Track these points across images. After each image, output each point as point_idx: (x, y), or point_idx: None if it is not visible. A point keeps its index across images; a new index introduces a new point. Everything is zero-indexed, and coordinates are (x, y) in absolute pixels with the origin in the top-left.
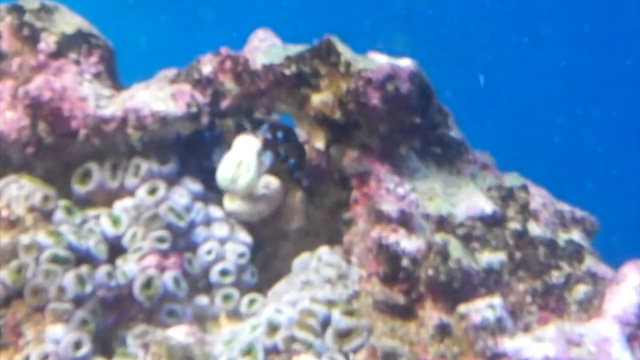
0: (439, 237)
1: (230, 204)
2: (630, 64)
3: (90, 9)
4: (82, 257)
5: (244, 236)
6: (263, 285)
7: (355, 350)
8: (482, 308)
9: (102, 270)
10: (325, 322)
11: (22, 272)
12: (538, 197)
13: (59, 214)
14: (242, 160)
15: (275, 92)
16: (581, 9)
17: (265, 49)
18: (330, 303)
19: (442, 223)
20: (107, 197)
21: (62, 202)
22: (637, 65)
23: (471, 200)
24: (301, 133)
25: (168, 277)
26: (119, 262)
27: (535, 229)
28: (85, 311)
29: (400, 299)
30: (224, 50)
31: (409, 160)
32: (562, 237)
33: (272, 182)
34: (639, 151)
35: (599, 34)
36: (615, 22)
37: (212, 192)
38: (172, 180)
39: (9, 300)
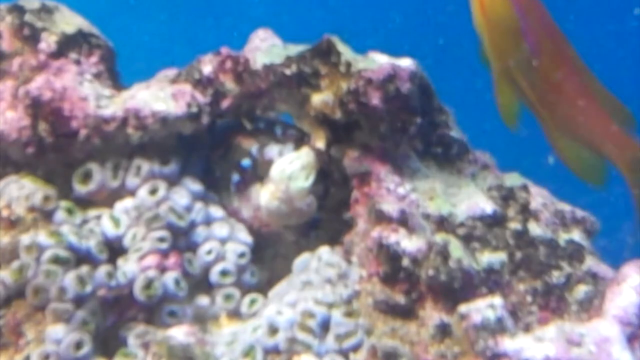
0: (439, 237)
1: (269, 200)
2: (630, 62)
3: (91, 9)
4: (82, 258)
5: (244, 236)
6: (264, 285)
7: (354, 348)
8: (483, 308)
9: (102, 270)
10: (326, 323)
11: (23, 272)
12: (538, 197)
13: (60, 214)
14: (306, 167)
15: (276, 92)
16: (582, 6)
17: (265, 48)
18: (331, 304)
19: (443, 223)
20: (108, 197)
21: (63, 203)
22: (637, 64)
23: (472, 200)
24: None
25: (169, 278)
26: (120, 262)
27: (535, 229)
28: (86, 311)
29: (401, 299)
30: (224, 50)
31: (409, 160)
32: (563, 237)
33: (313, 203)
34: None
35: (598, 31)
36: (614, 21)
37: (213, 192)
38: (173, 181)
39: (10, 300)
